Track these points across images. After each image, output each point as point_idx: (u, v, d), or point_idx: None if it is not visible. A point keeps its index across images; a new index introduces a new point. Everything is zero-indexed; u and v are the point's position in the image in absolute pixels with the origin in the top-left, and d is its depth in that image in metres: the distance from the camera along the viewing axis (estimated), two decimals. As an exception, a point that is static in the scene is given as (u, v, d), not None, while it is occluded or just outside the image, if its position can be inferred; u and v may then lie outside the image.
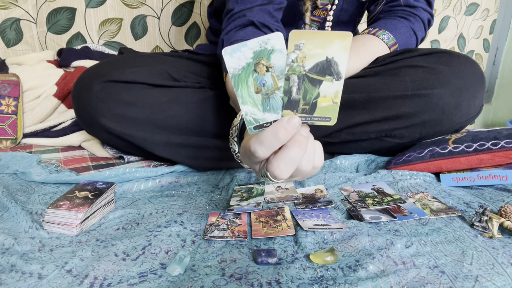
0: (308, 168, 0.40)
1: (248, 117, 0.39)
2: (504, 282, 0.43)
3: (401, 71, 0.75)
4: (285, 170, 0.38)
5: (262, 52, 0.36)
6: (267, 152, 0.38)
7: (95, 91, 0.72)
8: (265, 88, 0.38)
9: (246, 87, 0.38)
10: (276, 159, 0.38)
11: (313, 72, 0.37)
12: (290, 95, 0.38)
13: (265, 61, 0.36)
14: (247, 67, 0.37)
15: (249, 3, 0.73)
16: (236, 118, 0.51)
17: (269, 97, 0.38)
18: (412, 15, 0.85)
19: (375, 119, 0.75)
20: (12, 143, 0.93)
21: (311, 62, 0.36)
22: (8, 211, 0.59)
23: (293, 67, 0.37)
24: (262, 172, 0.41)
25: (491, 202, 0.63)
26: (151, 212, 0.60)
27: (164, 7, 1.26)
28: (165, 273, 0.45)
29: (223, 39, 0.73)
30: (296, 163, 0.38)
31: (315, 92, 0.37)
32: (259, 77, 0.37)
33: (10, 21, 1.09)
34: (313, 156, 0.40)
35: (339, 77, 0.37)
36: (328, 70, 0.36)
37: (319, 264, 0.47)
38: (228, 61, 0.37)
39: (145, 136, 0.74)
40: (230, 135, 0.51)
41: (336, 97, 0.38)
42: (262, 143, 0.37)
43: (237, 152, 0.52)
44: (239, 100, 0.38)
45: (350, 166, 0.81)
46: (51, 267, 0.45)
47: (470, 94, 0.72)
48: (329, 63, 0.36)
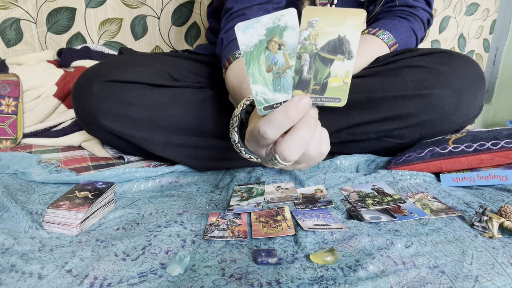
0: (316, 152, 0.40)
1: (258, 97, 0.38)
2: (504, 282, 0.43)
3: (401, 71, 0.75)
4: (294, 151, 0.37)
5: (275, 29, 0.35)
6: (276, 132, 0.37)
7: (95, 91, 0.72)
8: (276, 67, 0.37)
9: (257, 65, 0.37)
10: (285, 140, 0.37)
11: (325, 51, 0.36)
12: (301, 75, 0.37)
13: (277, 38, 0.36)
14: (259, 44, 0.36)
15: (248, 1, 0.73)
16: (237, 109, 0.51)
17: (280, 76, 0.37)
18: (411, 15, 0.85)
19: (375, 119, 0.75)
20: (12, 143, 0.93)
21: (323, 40, 0.35)
22: (8, 211, 0.59)
23: (305, 45, 0.36)
24: (270, 156, 0.40)
25: (491, 202, 0.63)
26: (151, 212, 0.60)
27: (164, 7, 1.26)
28: (165, 273, 0.45)
29: (222, 37, 0.74)
30: (305, 144, 0.38)
31: (326, 72, 0.37)
32: (271, 55, 0.36)
33: (10, 21, 1.09)
34: (320, 142, 0.40)
35: (351, 56, 0.36)
36: (339, 49, 0.35)
37: (319, 264, 0.47)
38: (240, 37, 0.35)
39: (145, 136, 0.74)
40: (231, 125, 0.51)
41: (347, 77, 0.37)
42: (272, 123, 0.37)
43: (237, 142, 0.51)
44: (250, 79, 0.37)
45: (350, 166, 0.81)
46: (51, 267, 0.45)
47: (470, 94, 0.72)
48: (341, 41, 0.35)
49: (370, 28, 0.84)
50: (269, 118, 0.37)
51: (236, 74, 0.63)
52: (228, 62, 0.69)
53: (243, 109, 0.50)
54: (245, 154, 0.52)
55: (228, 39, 0.72)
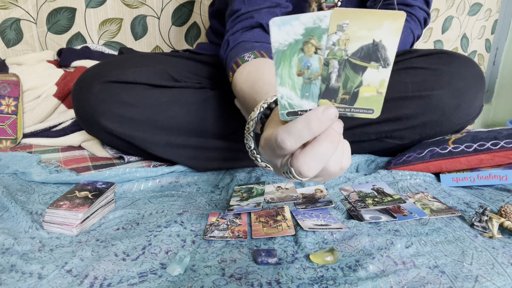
0: (336, 168, 0.36)
1: (283, 100, 0.35)
2: (504, 282, 0.43)
3: (401, 73, 0.75)
4: (313, 167, 0.34)
5: (314, 30, 0.32)
6: (295, 144, 0.34)
7: (95, 92, 0.72)
8: (308, 72, 0.33)
9: (288, 66, 0.33)
10: (304, 154, 0.34)
11: (357, 57, 0.32)
12: (328, 83, 0.34)
13: (315, 40, 0.32)
14: (294, 44, 0.32)
15: (257, 4, 0.72)
16: (253, 112, 0.47)
17: (311, 82, 0.34)
18: (408, 14, 0.85)
19: (375, 121, 0.75)
20: (12, 143, 0.93)
21: (355, 46, 0.32)
22: (8, 211, 0.59)
23: (333, 51, 0.32)
24: (285, 169, 0.37)
25: (491, 202, 0.63)
26: (151, 212, 0.60)
27: (164, 7, 1.26)
28: (165, 273, 0.45)
29: (228, 39, 0.72)
30: (325, 160, 0.34)
31: (358, 80, 0.33)
32: (305, 58, 0.33)
33: (10, 21, 1.09)
34: (342, 157, 0.36)
35: (387, 64, 0.32)
36: (374, 55, 0.32)
37: (319, 264, 0.47)
38: (274, 34, 0.32)
39: (145, 136, 0.74)
40: (246, 130, 0.47)
41: (382, 87, 0.33)
42: (291, 133, 0.33)
43: (252, 149, 0.47)
44: (277, 80, 0.34)
45: (350, 166, 0.81)
46: (51, 267, 0.45)
47: (470, 95, 0.72)
48: (376, 47, 0.32)
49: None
50: (289, 127, 0.34)
51: (246, 78, 0.61)
52: (236, 65, 0.66)
53: (260, 112, 0.46)
54: (260, 162, 0.48)
55: (234, 42, 0.71)
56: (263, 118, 0.46)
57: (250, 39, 0.69)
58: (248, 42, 0.69)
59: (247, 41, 0.69)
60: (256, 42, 0.69)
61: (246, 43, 0.69)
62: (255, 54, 0.65)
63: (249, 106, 0.57)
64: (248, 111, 0.58)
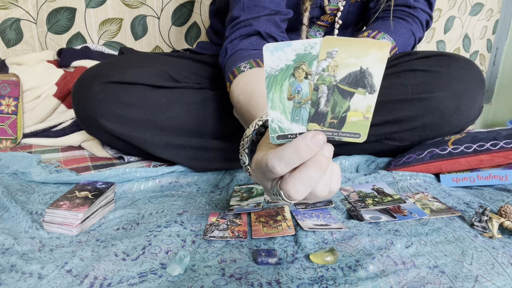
0: (324, 192, 0.37)
1: (274, 124, 0.36)
2: (504, 282, 0.43)
3: (400, 75, 0.75)
4: (301, 191, 0.35)
5: (305, 56, 0.33)
6: (285, 168, 0.35)
7: (95, 92, 0.72)
8: (298, 96, 0.35)
9: (279, 91, 0.35)
10: (292, 178, 0.35)
11: (345, 83, 0.34)
12: (317, 107, 0.35)
13: (306, 66, 0.34)
14: (285, 69, 0.34)
15: (256, 12, 0.72)
16: (248, 129, 0.48)
17: (301, 107, 0.35)
18: (410, 16, 0.85)
19: (375, 123, 0.75)
20: (12, 143, 0.93)
21: (344, 72, 0.33)
22: (8, 211, 0.59)
23: (323, 77, 0.34)
24: (274, 190, 0.38)
25: (491, 202, 0.63)
26: (151, 212, 0.60)
27: (164, 7, 1.26)
28: (165, 273, 0.45)
29: (226, 47, 0.73)
30: (313, 184, 0.35)
31: (345, 105, 0.35)
32: (296, 83, 0.34)
33: (10, 21, 1.09)
34: (330, 181, 0.37)
35: (373, 90, 0.34)
36: (361, 82, 0.34)
37: (319, 264, 0.47)
38: (267, 59, 0.33)
39: (145, 137, 0.74)
40: (241, 146, 0.48)
41: (368, 112, 0.35)
42: (281, 158, 0.34)
43: (246, 165, 0.48)
44: (268, 104, 0.35)
45: (350, 166, 0.81)
46: (51, 267, 0.45)
47: (470, 97, 0.72)
48: (363, 74, 0.33)
49: (369, 30, 0.84)
50: (279, 153, 0.35)
51: (242, 90, 0.61)
52: (232, 75, 0.66)
53: (255, 129, 0.47)
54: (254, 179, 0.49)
55: (232, 50, 0.70)
56: (258, 135, 0.47)
57: (247, 47, 0.70)
58: (245, 50, 0.70)
59: (245, 49, 0.70)
60: (254, 49, 0.70)
61: (243, 51, 0.70)
62: (250, 64, 0.65)
63: (245, 119, 0.57)
64: (245, 123, 0.59)
